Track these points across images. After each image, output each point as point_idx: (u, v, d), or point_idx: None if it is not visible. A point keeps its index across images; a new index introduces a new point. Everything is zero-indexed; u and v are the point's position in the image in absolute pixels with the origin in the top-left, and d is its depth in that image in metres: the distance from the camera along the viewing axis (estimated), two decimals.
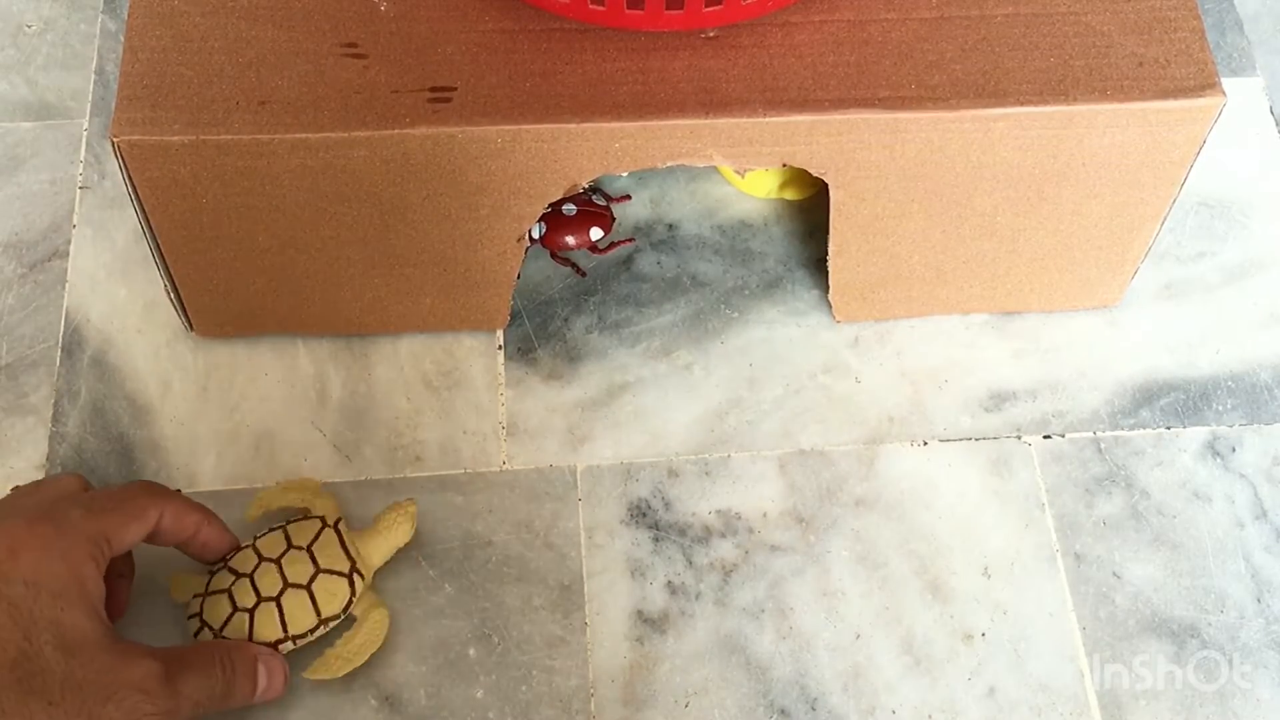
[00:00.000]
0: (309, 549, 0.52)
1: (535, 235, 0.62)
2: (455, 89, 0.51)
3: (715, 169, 0.65)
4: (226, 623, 0.51)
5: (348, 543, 0.53)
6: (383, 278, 0.57)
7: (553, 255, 0.63)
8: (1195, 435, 0.60)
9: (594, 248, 0.63)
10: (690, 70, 0.52)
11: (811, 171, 0.54)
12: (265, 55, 0.51)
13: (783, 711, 0.53)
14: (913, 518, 0.57)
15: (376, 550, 0.54)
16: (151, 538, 0.49)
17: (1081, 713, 0.53)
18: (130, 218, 0.62)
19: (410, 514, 0.54)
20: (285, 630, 0.51)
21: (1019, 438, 0.60)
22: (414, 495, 0.57)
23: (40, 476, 0.57)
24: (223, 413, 0.59)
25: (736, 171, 0.59)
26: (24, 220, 0.64)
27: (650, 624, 0.55)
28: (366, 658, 0.52)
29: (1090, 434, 0.60)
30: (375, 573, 0.54)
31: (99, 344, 0.60)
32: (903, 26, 0.53)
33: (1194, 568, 0.57)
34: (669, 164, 0.52)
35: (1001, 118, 0.51)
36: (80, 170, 0.65)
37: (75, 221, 0.64)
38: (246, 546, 0.53)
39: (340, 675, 0.52)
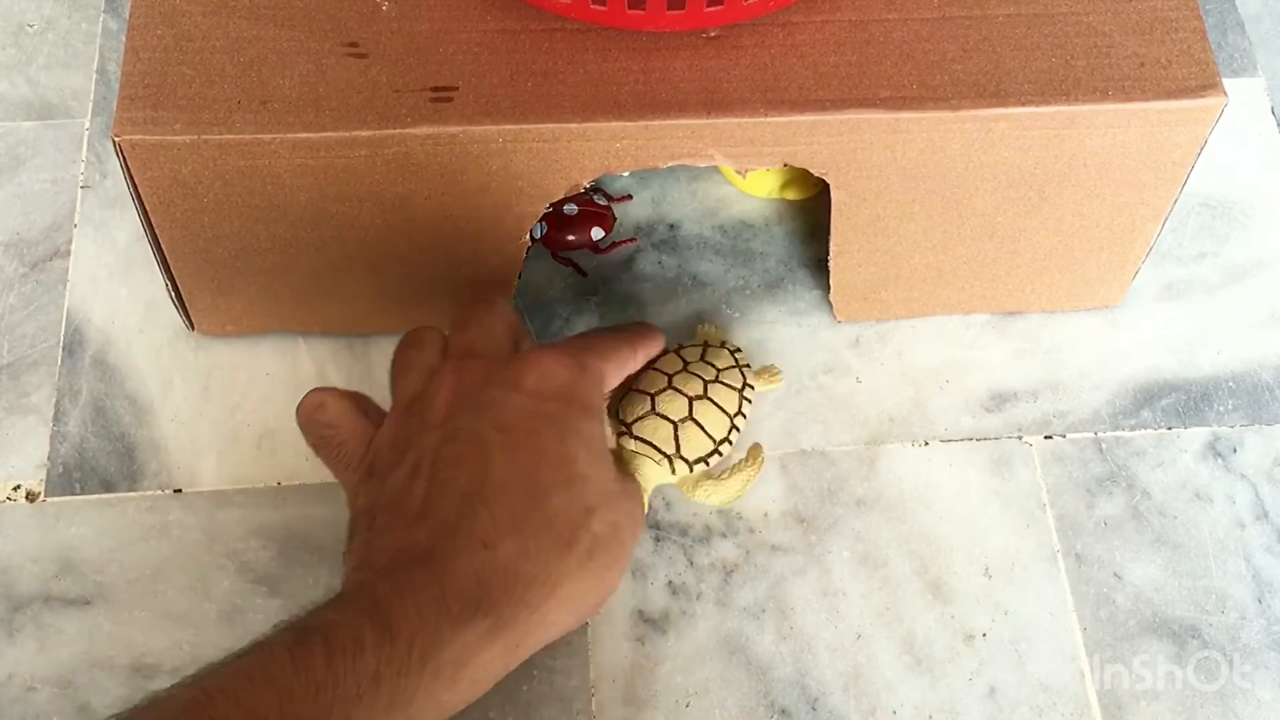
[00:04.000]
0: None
1: (536, 235, 0.62)
2: (457, 89, 0.51)
3: (716, 169, 0.65)
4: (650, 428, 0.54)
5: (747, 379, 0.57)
6: (384, 277, 0.57)
7: (554, 255, 0.63)
8: (1196, 436, 0.60)
9: (595, 247, 0.63)
10: (692, 70, 0.52)
11: (813, 171, 0.54)
12: (267, 55, 0.51)
13: (783, 711, 0.53)
14: (914, 518, 0.57)
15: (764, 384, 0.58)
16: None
17: (1082, 713, 0.53)
18: (131, 217, 0.62)
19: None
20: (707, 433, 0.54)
21: (1020, 438, 0.60)
22: None
23: (41, 476, 0.57)
24: (224, 412, 0.59)
25: (738, 171, 0.59)
26: (25, 219, 0.64)
27: (651, 624, 0.55)
28: (739, 493, 0.55)
29: (1091, 434, 0.60)
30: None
31: (100, 343, 0.60)
32: (904, 26, 0.53)
33: (1195, 568, 0.57)
34: (670, 164, 0.52)
35: (1003, 118, 0.51)
36: (81, 170, 0.65)
37: (76, 221, 0.64)
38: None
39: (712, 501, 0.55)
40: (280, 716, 0.37)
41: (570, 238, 0.62)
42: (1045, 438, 0.60)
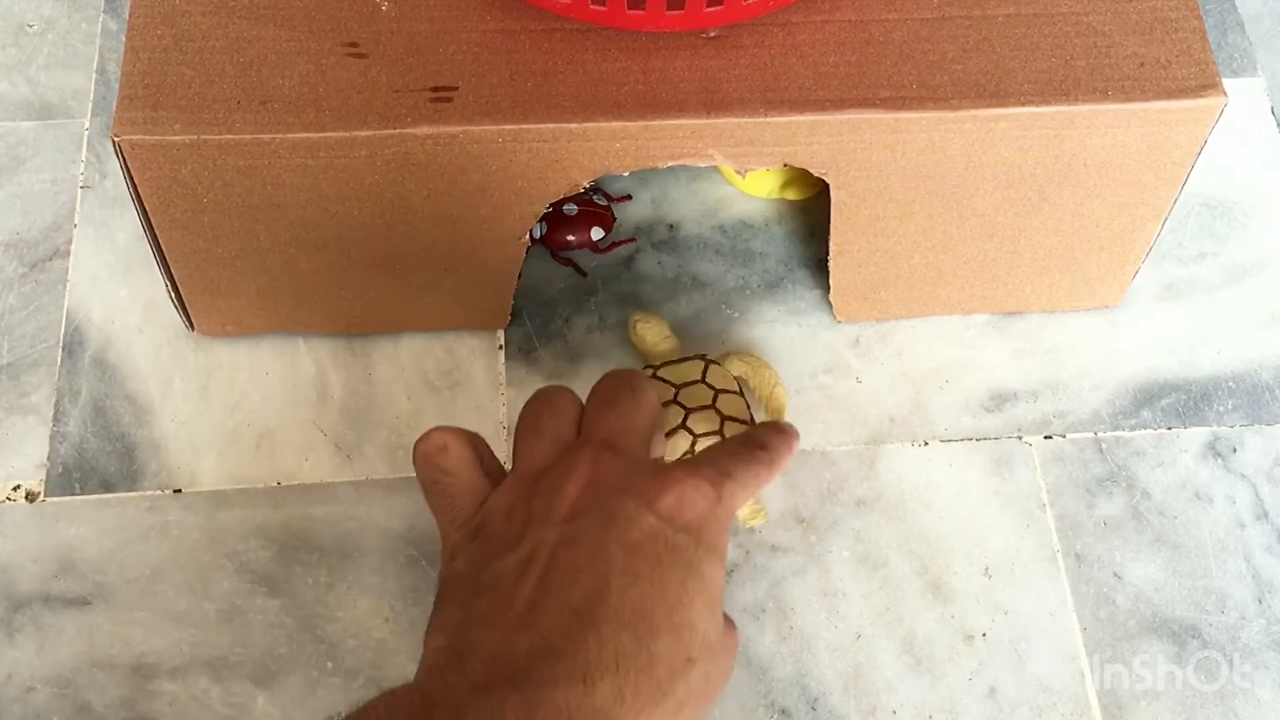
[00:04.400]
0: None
1: (536, 235, 0.62)
2: (457, 89, 0.51)
3: (716, 169, 0.65)
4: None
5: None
6: (384, 277, 0.57)
7: (554, 255, 0.63)
8: (1196, 436, 0.60)
9: (595, 247, 0.63)
10: (691, 70, 0.52)
11: (812, 171, 0.54)
12: (266, 55, 0.51)
13: (783, 711, 0.53)
14: (913, 518, 0.57)
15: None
16: None
17: (1082, 713, 0.53)
18: (131, 217, 0.62)
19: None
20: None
21: (1020, 438, 0.60)
22: (415, 495, 0.57)
23: (41, 476, 0.57)
24: (224, 412, 0.59)
25: (737, 171, 0.59)
26: (25, 219, 0.64)
27: None
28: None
29: (1091, 434, 0.60)
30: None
31: (100, 343, 0.60)
32: (904, 26, 0.53)
33: (1195, 568, 0.57)
34: (670, 164, 0.52)
35: (1003, 118, 0.51)
36: (81, 170, 0.65)
37: (76, 221, 0.64)
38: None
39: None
40: None
41: (570, 238, 0.62)
42: (1045, 438, 0.60)
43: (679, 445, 0.54)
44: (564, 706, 0.39)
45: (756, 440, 0.48)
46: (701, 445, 0.54)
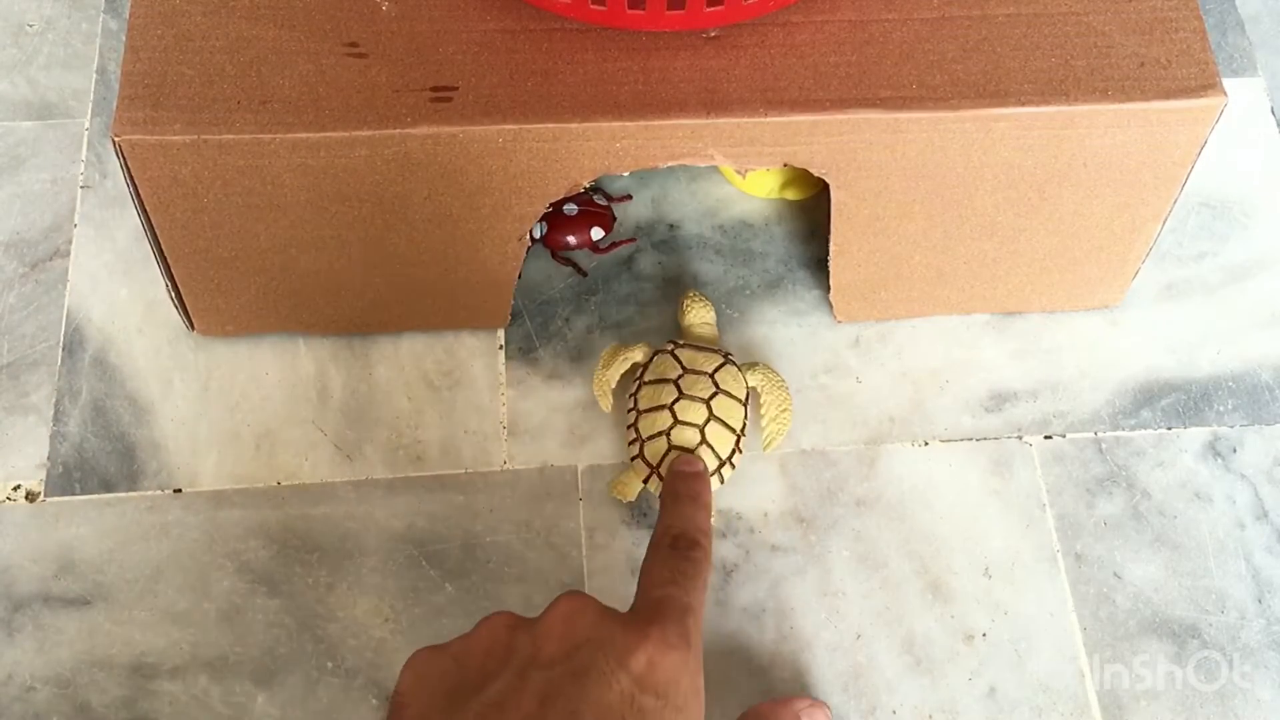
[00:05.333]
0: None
1: (536, 235, 0.62)
2: (457, 88, 0.51)
3: (716, 169, 0.65)
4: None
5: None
6: (384, 277, 0.57)
7: (554, 255, 0.63)
8: (1196, 436, 0.60)
9: (595, 247, 0.63)
10: (691, 70, 0.52)
11: (812, 171, 0.54)
12: (266, 55, 0.51)
13: None
14: (913, 518, 0.57)
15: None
16: None
17: (1082, 713, 0.53)
18: (131, 217, 0.62)
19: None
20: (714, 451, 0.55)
21: (1020, 438, 0.60)
22: (415, 495, 0.57)
23: (41, 476, 0.57)
24: (224, 412, 0.59)
25: (738, 171, 0.59)
26: (25, 219, 0.64)
27: None
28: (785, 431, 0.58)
29: (1091, 434, 0.60)
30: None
31: (100, 343, 0.60)
32: (904, 27, 0.53)
33: (1195, 568, 0.57)
34: (670, 164, 0.52)
35: (1002, 118, 0.51)
36: (81, 169, 0.65)
37: (76, 221, 0.64)
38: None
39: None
40: None
41: (570, 238, 0.62)
42: (1045, 438, 0.60)
43: (658, 422, 0.55)
44: None
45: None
46: (678, 433, 0.54)
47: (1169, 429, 0.60)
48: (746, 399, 0.57)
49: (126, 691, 0.53)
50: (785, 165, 0.53)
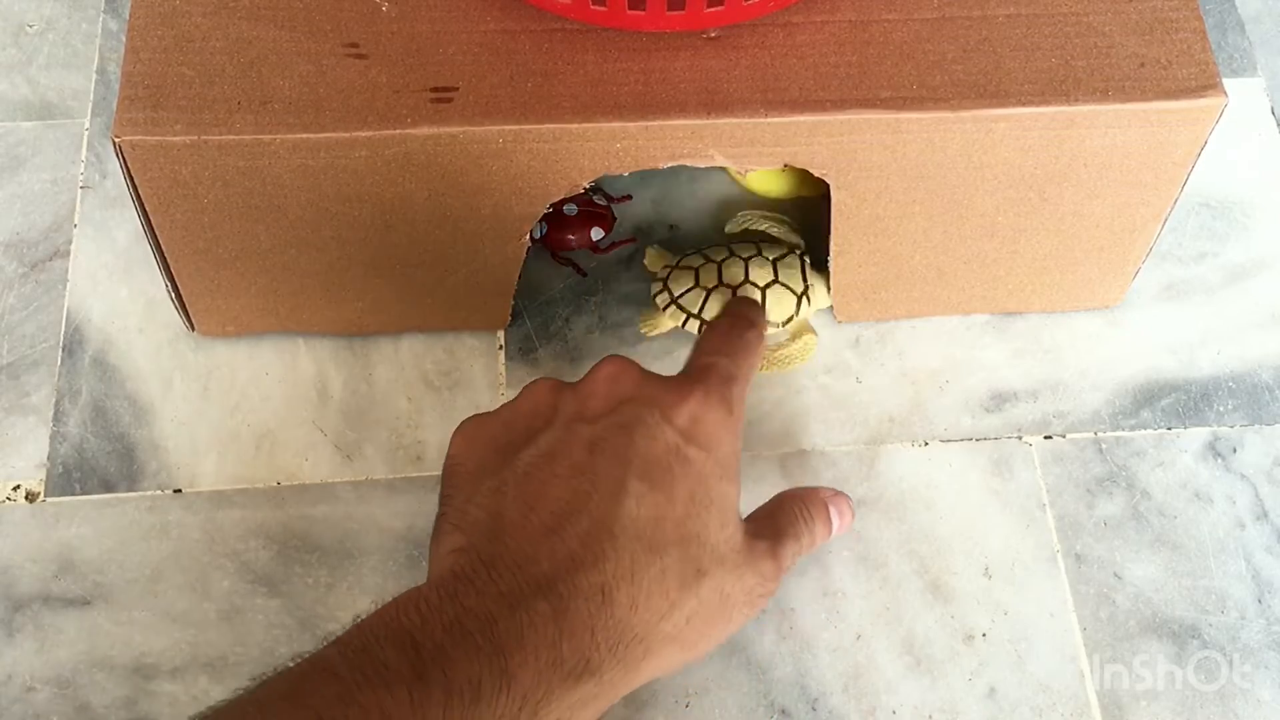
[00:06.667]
0: (774, 262, 0.59)
1: (536, 235, 0.62)
2: (457, 89, 0.51)
3: (718, 170, 0.65)
4: (685, 293, 0.58)
5: (807, 272, 0.60)
6: (384, 278, 0.57)
7: (554, 255, 0.63)
8: (1196, 436, 0.60)
9: (595, 247, 0.63)
10: (692, 70, 0.52)
11: (813, 171, 0.54)
12: (267, 55, 0.51)
13: (783, 711, 0.53)
14: (913, 518, 0.57)
15: (823, 296, 0.60)
16: None
17: (1082, 713, 0.53)
18: (131, 217, 0.62)
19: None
20: None
21: (1020, 438, 0.60)
22: (415, 495, 0.57)
23: (41, 476, 0.57)
24: (224, 412, 0.59)
25: (739, 171, 0.59)
26: (25, 220, 0.64)
27: None
28: (791, 367, 0.60)
29: (1091, 434, 0.60)
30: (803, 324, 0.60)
31: (100, 343, 0.60)
32: (904, 27, 0.53)
33: (1195, 568, 0.57)
34: (670, 164, 0.52)
35: (1003, 118, 0.51)
36: (81, 170, 0.65)
37: (76, 221, 0.64)
38: (721, 245, 0.60)
39: (763, 373, 0.59)
40: None
41: (570, 238, 0.62)
42: (1045, 438, 0.60)
43: (705, 278, 0.58)
44: (587, 620, 0.41)
45: (744, 319, 0.50)
46: (731, 275, 0.58)
47: (1169, 429, 0.60)
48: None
49: (126, 692, 0.53)
50: (785, 166, 0.53)
